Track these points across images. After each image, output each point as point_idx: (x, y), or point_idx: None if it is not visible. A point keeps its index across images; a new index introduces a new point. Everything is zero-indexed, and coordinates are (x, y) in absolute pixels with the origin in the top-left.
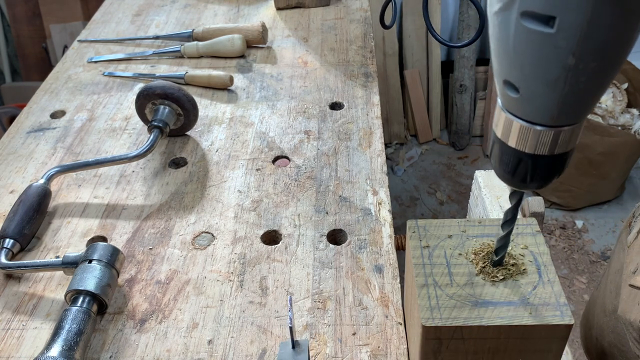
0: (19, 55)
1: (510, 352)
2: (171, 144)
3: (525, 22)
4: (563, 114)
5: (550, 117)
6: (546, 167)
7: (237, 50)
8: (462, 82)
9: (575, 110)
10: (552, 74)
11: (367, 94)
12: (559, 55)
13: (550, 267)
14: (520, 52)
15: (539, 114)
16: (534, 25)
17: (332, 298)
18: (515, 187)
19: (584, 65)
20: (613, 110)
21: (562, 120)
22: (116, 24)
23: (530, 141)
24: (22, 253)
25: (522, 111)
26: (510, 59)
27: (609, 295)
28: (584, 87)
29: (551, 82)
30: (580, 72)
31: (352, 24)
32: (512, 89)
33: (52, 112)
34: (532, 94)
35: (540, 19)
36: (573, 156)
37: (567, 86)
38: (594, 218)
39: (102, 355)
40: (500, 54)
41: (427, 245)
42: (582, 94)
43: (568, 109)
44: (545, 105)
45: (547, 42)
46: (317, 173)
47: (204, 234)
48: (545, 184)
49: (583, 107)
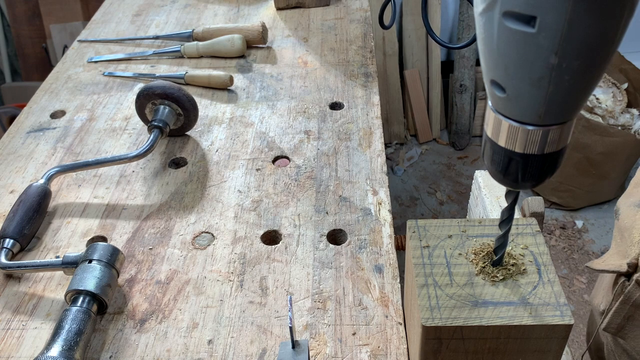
0: (19, 55)
1: (510, 352)
2: (171, 144)
3: (508, 22)
4: (550, 113)
5: (538, 116)
6: (537, 166)
7: (237, 50)
8: (462, 82)
9: (562, 109)
10: (536, 73)
11: (367, 94)
12: (541, 54)
13: (550, 267)
14: (504, 52)
15: (526, 113)
16: (516, 25)
17: (332, 298)
18: (508, 186)
19: (567, 64)
20: (613, 110)
21: (549, 119)
22: (116, 24)
23: (520, 140)
24: (22, 253)
25: (509, 111)
26: (495, 59)
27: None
28: (568, 85)
29: (535, 81)
30: (564, 71)
31: (352, 24)
32: (498, 89)
33: (52, 112)
34: (517, 93)
35: (522, 18)
36: (573, 156)
37: (551, 85)
38: (594, 218)
39: (102, 355)
40: (486, 54)
41: (427, 245)
42: (568, 92)
43: (554, 107)
44: (532, 105)
45: (530, 41)
46: (317, 173)
47: (204, 234)
48: (538, 184)
49: (570, 105)
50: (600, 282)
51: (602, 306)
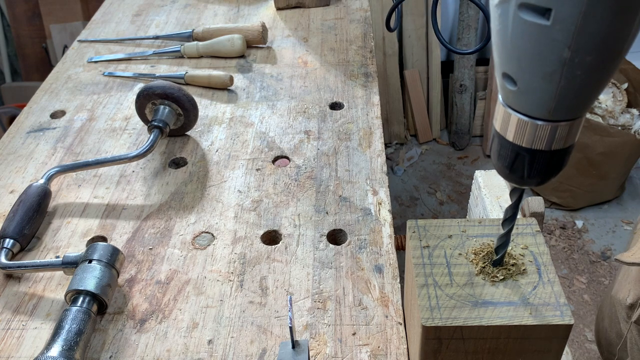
0: (19, 55)
1: (510, 352)
2: (171, 144)
3: (523, 13)
4: (560, 109)
5: (547, 111)
6: (543, 163)
7: (237, 50)
8: (462, 82)
9: (572, 105)
10: (549, 67)
11: (367, 94)
12: (554, 48)
13: (550, 267)
14: (518, 45)
15: (536, 107)
16: (531, 17)
17: (332, 298)
18: (513, 182)
19: (580, 59)
20: (613, 110)
21: (559, 115)
22: (116, 24)
23: (528, 135)
24: (22, 253)
25: (519, 104)
26: (508, 51)
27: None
28: (580, 81)
29: (547, 75)
30: (576, 66)
31: (352, 24)
32: (510, 82)
33: (52, 112)
34: (529, 86)
35: (537, 10)
36: (573, 156)
37: (563, 80)
38: (594, 218)
39: (102, 355)
40: (499, 46)
41: (427, 245)
42: (579, 88)
43: (565, 103)
44: (542, 99)
45: (544, 34)
46: (317, 173)
47: (204, 234)
48: (544, 181)
49: (580, 102)
50: (625, 276)
51: (629, 299)
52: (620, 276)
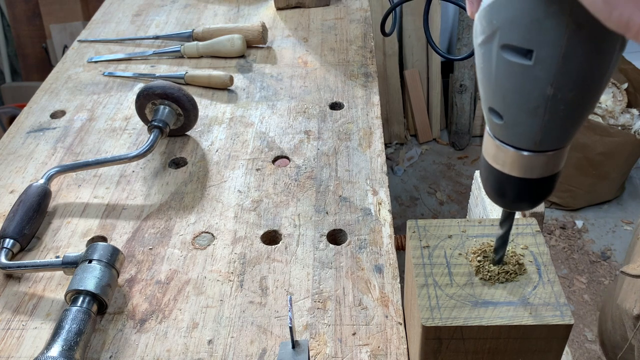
0: (19, 55)
1: (510, 352)
2: (171, 144)
3: (505, 54)
4: (545, 140)
5: (533, 143)
6: (532, 190)
7: (237, 50)
8: (462, 82)
9: (557, 136)
10: (533, 103)
11: (367, 94)
12: (537, 85)
13: (550, 267)
14: (502, 82)
15: (522, 139)
16: (514, 58)
17: (332, 298)
18: (506, 208)
19: (562, 95)
20: (613, 110)
21: (544, 146)
22: (116, 24)
23: (515, 165)
24: (22, 253)
25: (506, 137)
26: (493, 88)
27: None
28: (563, 115)
29: (532, 110)
30: (559, 102)
31: (352, 24)
32: (496, 116)
33: (52, 112)
34: (514, 121)
35: (519, 51)
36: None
37: (547, 114)
38: (594, 218)
39: (102, 355)
40: (484, 83)
41: (427, 245)
42: (563, 121)
43: (550, 135)
44: (528, 132)
45: (526, 73)
46: (317, 173)
47: (204, 234)
48: (534, 206)
49: (565, 133)
50: (629, 286)
51: (635, 310)
52: (625, 285)
